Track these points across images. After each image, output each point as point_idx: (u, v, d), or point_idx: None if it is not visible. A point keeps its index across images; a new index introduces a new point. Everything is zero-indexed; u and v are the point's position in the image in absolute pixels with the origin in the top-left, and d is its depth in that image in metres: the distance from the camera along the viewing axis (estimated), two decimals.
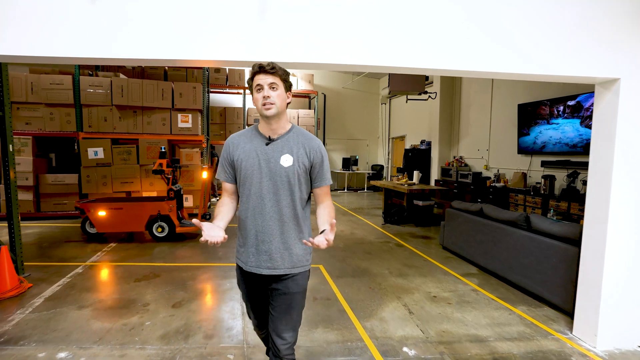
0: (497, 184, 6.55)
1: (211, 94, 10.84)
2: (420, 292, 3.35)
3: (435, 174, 8.70)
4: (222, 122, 10.18)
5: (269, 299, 1.52)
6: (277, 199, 1.44)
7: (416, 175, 7.15)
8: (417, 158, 9.09)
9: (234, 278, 3.29)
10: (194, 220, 1.28)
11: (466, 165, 7.93)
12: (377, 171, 12.25)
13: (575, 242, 2.83)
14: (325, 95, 12.11)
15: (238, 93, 10.83)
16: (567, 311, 2.86)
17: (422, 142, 9.41)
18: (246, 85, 10.53)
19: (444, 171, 8.13)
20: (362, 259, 4.32)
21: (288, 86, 1.46)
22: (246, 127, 10.44)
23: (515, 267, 3.41)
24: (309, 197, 1.56)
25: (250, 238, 1.47)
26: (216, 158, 9.09)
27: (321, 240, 1.29)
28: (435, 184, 8.44)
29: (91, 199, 5.52)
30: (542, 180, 5.59)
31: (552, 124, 5.72)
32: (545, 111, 5.84)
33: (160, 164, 4.94)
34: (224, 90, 10.79)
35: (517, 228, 3.47)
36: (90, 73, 6.75)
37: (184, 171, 6.74)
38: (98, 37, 2.00)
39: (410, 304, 3.09)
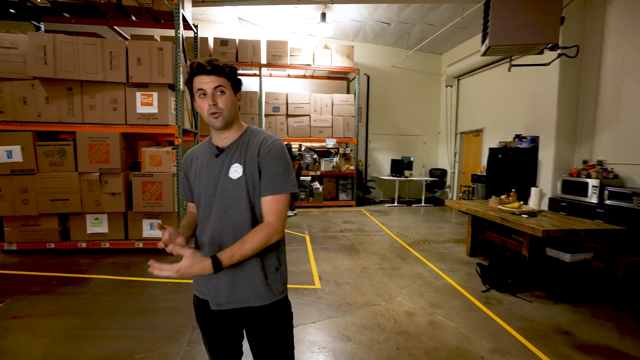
0: None
1: None
2: None
3: (548, 189, 5.45)
4: None
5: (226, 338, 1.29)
6: (229, 219, 1.19)
7: (535, 194, 4.03)
8: (511, 162, 5.89)
9: None
10: (155, 223, 1.16)
11: (616, 176, 4.63)
12: (438, 177, 9.09)
13: None
14: (368, 77, 9.17)
15: (255, 75, 8.24)
16: None
17: (518, 138, 6.17)
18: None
19: (570, 185, 4.89)
20: None
21: (238, 86, 1.21)
22: (263, 118, 7.91)
23: None
24: None
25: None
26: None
27: (172, 266, 1.03)
28: (550, 205, 5.21)
29: None
30: None
31: None
32: None
33: None
34: None
35: None
36: None
37: (145, 183, 4.25)
38: None
39: None
